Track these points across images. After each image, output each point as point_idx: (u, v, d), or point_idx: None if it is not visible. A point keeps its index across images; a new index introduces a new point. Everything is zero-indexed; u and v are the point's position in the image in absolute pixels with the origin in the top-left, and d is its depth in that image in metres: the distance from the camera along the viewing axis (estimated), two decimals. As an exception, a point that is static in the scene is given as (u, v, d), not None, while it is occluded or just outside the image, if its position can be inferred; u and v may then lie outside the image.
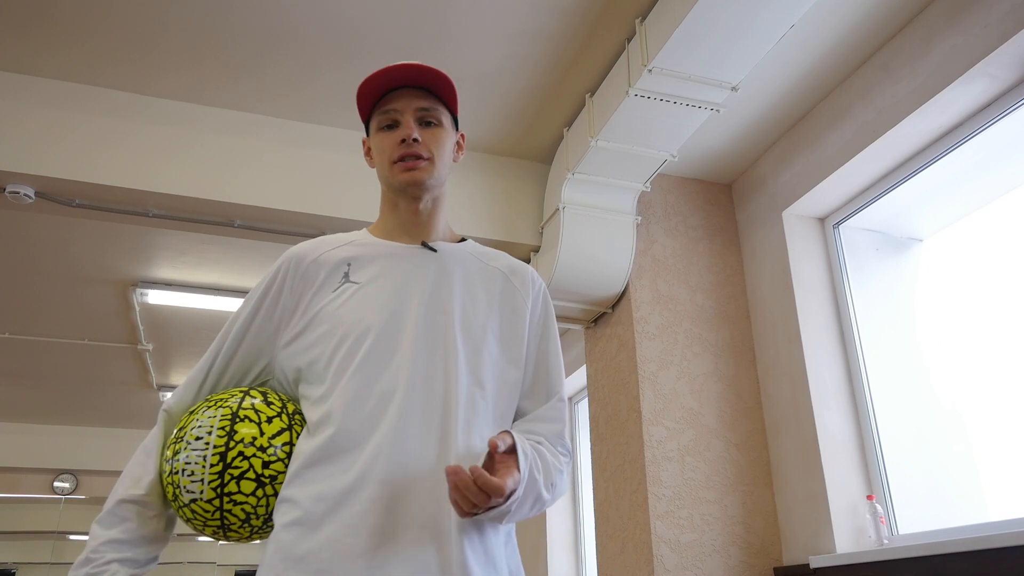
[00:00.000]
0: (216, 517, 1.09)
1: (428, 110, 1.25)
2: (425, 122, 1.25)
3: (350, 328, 1.16)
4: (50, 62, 2.64)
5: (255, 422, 1.12)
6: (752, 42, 2.26)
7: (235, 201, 2.78)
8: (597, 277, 2.97)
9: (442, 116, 1.27)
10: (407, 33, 2.53)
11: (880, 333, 2.77)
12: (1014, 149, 2.42)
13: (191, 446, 1.09)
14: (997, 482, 2.53)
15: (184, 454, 1.09)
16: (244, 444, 1.09)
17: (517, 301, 1.29)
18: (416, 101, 1.24)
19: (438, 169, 1.25)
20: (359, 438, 1.08)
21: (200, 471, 1.08)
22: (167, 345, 4.99)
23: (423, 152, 1.23)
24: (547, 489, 1.14)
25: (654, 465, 2.72)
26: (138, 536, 1.10)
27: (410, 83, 1.25)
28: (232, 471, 1.08)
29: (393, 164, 1.23)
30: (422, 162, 1.22)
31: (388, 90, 1.25)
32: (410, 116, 1.24)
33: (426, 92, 1.26)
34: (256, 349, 1.23)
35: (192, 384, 1.22)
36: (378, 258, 1.24)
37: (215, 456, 1.08)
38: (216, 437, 1.09)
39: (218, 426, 1.10)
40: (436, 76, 1.25)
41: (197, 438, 1.10)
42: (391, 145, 1.24)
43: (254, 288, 1.26)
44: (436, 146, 1.25)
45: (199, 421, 1.12)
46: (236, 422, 1.11)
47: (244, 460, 1.09)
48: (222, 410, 1.12)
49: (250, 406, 1.14)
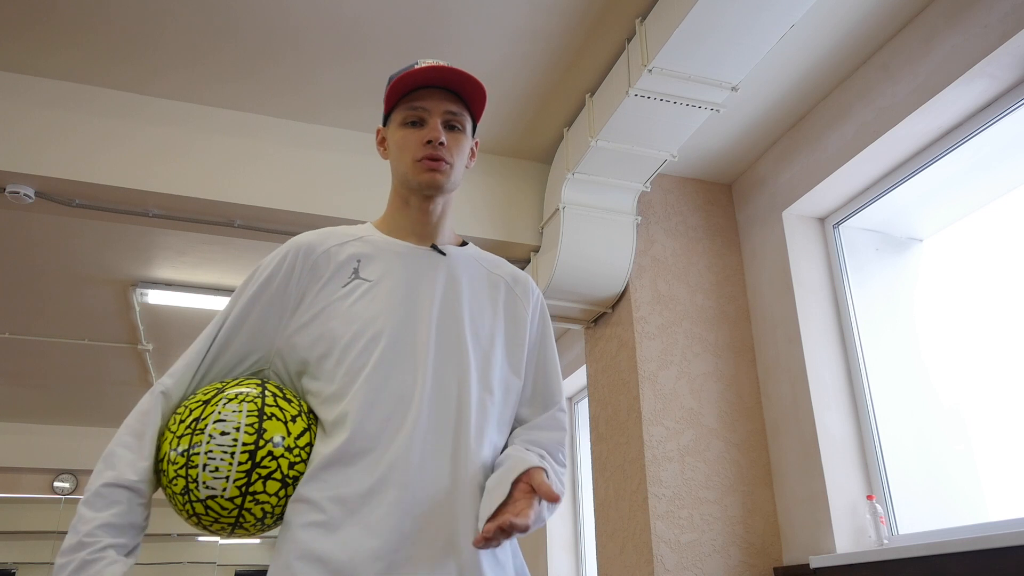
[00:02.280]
0: (232, 515, 1.06)
1: (456, 115, 1.25)
2: (450, 126, 1.25)
3: (364, 327, 1.15)
4: (50, 62, 2.64)
5: (282, 420, 1.10)
6: (752, 42, 2.27)
7: (235, 201, 2.78)
8: (597, 277, 2.97)
9: (466, 122, 1.27)
10: (407, 33, 2.53)
11: (880, 333, 2.77)
12: (1014, 149, 2.42)
13: (215, 440, 1.05)
14: (997, 482, 2.53)
15: (206, 447, 1.05)
16: (274, 444, 1.07)
17: (519, 310, 1.30)
18: (446, 103, 1.24)
19: (456, 174, 1.25)
20: (377, 441, 1.08)
21: (226, 468, 1.04)
22: (167, 345, 4.99)
23: (447, 156, 1.23)
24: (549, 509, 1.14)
25: (654, 465, 2.72)
26: (127, 522, 1.05)
27: (445, 85, 1.25)
28: (260, 470, 1.06)
29: (416, 162, 1.22)
30: (444, 165, 1.22)
31: (419, 86, 1.25)
32: (438, 118, 1.23)
33: (455, 96, 1.26)
34: (256, 337, 1.19)
35: (190, 368, 1.17)
36: (388, 257, 1.23)
37: (244, 454, 1.05)
38: (245, 434, 1.06)
39: (246, 422, 1.07)
40: (471, 83, 1.24)
41: (223, 432, 1.06)
42: (415, 143, 1.23)
43: (254, 273, 1.23)
44: (458, 152, 1.25)
45: (221, 413, 1.07)
46: (264, 419, 1.08)
47: (273, 460, 1.07)
48: (247, 404, 1.09)
49: (274, 402, 1.11)
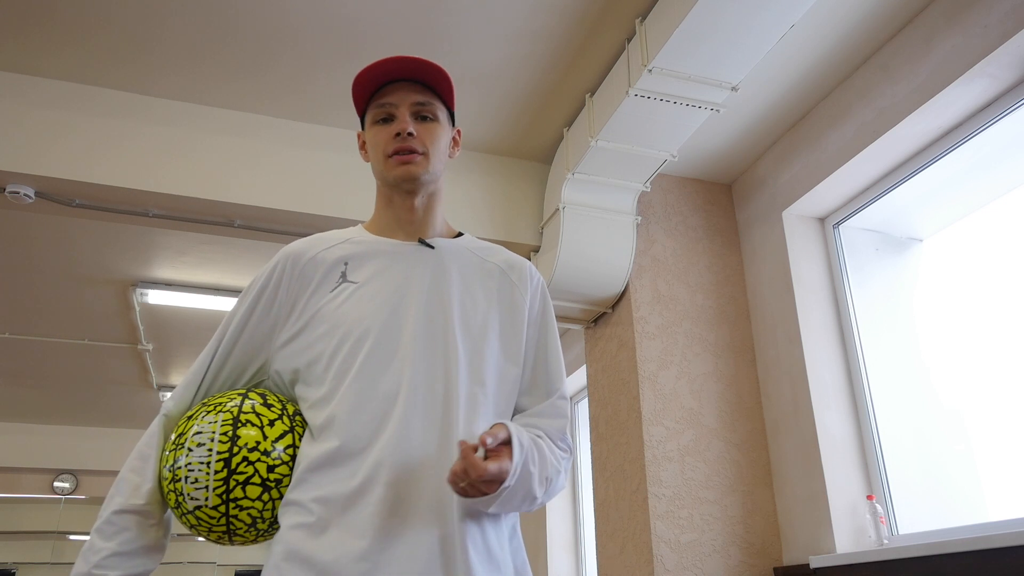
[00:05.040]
0: (222, 523, 1.08)
1: (424, 104, 1.23)
2: (421, 116, 1.23)
3: (350, 329, 1.14)
4: (50, 62, 2.64)
5: (257, 426, 1.10)
6: (752, 42, 2.26)
7: (235, 201, 2.78)
8: (597, 277, 2.97)
9: (438, 111, 1.25)
10: (407, 33, 2.52)
11: (880, 333, 2.77)
12: (1014, 149, 2.42)
13: (193, 452, 1.07)
14: (997, 482, 2.53)
15: (186, 460, 1.08)
16: (248, 449, 1.08)
17: (516, 297, 1.27)
18: (412, 95, 1.23)
19: (433, 164, 1.23)
20: (363, 442, 1.07)
21: (204, 478, 1.06)
22: (167, 345, 4.99)
23: (418, 147, 1.21)
24: (541, 483, 1.12)
25: (654, 465, 2.72)
26: (138, 547, 1.09)
27: (406, 76, 1.23)
28: (237, 476, 1.07)
29: (387, 158, 1.22)
30: (416, 156, 1.21)
31: (384, 83, 1.24)
32: (405, 110, 1.22)
33: (422, 86, 1.24)
34: (252, 349, 1.21)
35: (190, 387, 1.20)
36: (375, 256, 1.22)
37: (219, 462, 1.06)
38: (219, 443, 1.07)
39: (220, 431, 1.08)
40: (432, 70, 1.23)
41: (199, 444, 1.08)
42: (385, 139, 1.22)
43: (248, 286, 1.24)
44: (431, 141, 1.23)
45: (199, 427, 1.10)
46: (238, 427, 1.09)
47: (249, 465, 1.08)
48: (223, 415, 1.10)
49: (251, 409, 1.12)
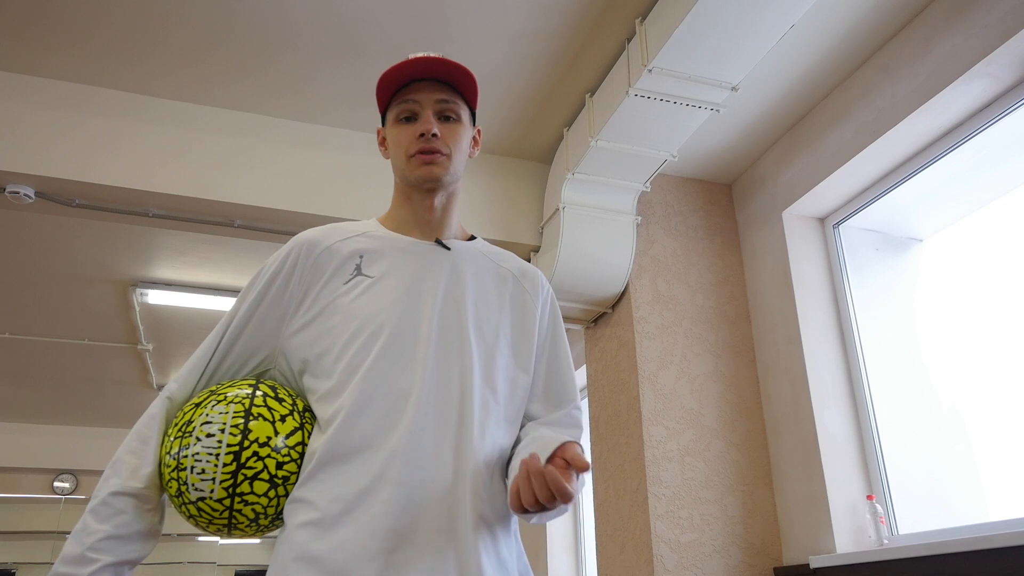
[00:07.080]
0: (224, 516, 1.06)
1: (448, 103, 1.23)
2: (444, 116, 1.23)
3: (364, 323, 1.13)
4: (50, 62, 2.64)
5: (269, 420, 1.08)
6: (752, 42, 2.26)
7: (235, 201, 2.78)
8: (597, 277, 2.97)
9: (461, 111, 1.25)
10: (407, 33, 2.52)
11: (880, 333, 2.77)
12: (1014, 149, 2.42)
13: (201, 442, 1.05)
14: (997, 482, 2.53)
15: (193, 450, 1.05)
16: (259, 444, 1.06)
17: (527, 304, 1.27)
18: (436, 94, 1.22)
19: (455, 164, 1.23)
20: (374, 439, 1.06)
21: (212, 470, 1.04)
22: (167, 345, 4.99)
23: (441, 147, 1.20)
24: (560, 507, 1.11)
25: (654, 465, 2.72)
26: (134, 531, 1.06)
27: (431, 76, 1.23)
28: (246, 471, 1.05)
29: (410, 158, 1.21)
30: (439, 156, 1.20)
31: (408, 82, 1.23)
32: (429, 110, 1.21)
33: (446, 86, 1.24)
34: (261, 335, 1.19)
35: (195, 370, 1.18)
36: (391, 252, 1.21)
37: (228, 455, 1.04)
38: (229, 435, 1.05)
39: (231, 423, 1.06)
40: (458, 70, 1.22)
41: (208, 435, 1.05)
42: (409, 138, 1.21)
43: (259, 272, 1.23)
44: (454, 141, 1.23)
45: (209, 415, 1.07)
46: (250, 419, 1.07)
47: (259, 460, 1.05)
48: (234, 406, 1.08)
49: (263, 402, 1.10)
